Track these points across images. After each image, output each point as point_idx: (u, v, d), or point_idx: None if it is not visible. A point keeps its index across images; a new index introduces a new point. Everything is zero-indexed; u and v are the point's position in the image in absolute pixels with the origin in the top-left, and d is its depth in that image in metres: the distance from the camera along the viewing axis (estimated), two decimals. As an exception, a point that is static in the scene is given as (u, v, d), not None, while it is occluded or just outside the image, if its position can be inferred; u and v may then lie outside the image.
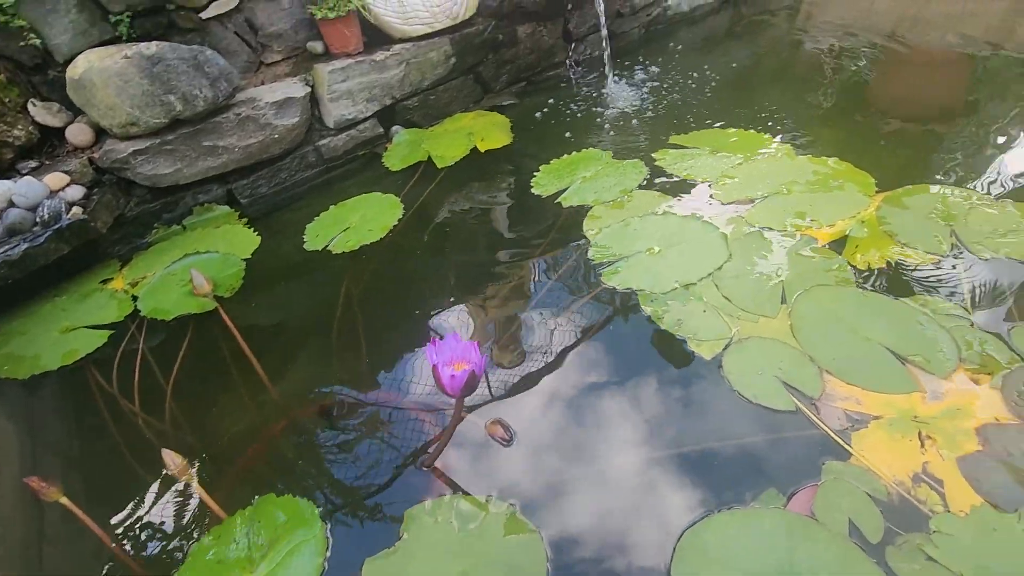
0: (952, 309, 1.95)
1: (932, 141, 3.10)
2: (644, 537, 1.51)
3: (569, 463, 1.73)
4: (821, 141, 3.14)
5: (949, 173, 2.73)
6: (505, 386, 2.02)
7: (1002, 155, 2.84)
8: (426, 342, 2.34)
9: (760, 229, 2.46)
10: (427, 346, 1.39)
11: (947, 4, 4.78)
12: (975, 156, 2.86)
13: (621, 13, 4.64)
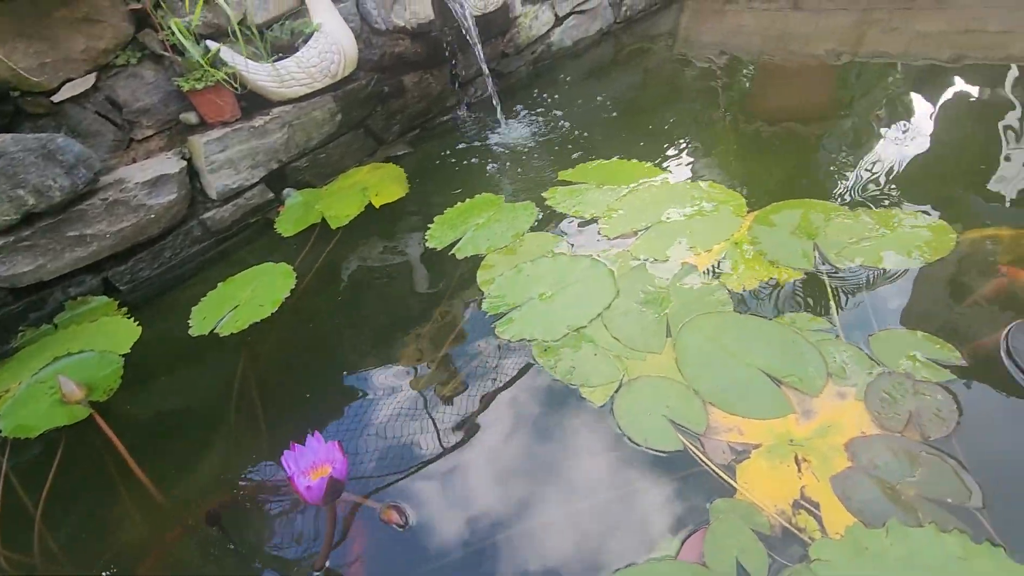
0: (818, 323, 2.05)
1: (801, 155, 3.32)
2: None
3: (461, 539, 1.67)
4: (699, 163, 3.29)
5: (813, 186, 2.92)
6: (400, 463, 1.94)
7: (858, 163, 3.07)
8: (331, 414, 2.28)
9: (644, 261, 2.52)
10: (284, 453, 1.30)
11: (804, 21, 5.21)
12: (835, 167, 3.08)
13: (506, 53, 4.75)
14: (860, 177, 2.95)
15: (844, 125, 3.56)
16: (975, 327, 1.97)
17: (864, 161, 3.07)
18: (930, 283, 2.17)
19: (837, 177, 2.97)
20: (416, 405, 2.15)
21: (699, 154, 3.41)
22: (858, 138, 3.37)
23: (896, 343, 1.92)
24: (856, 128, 3.50)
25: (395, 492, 1.84)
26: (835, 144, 3.33)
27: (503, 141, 4.01)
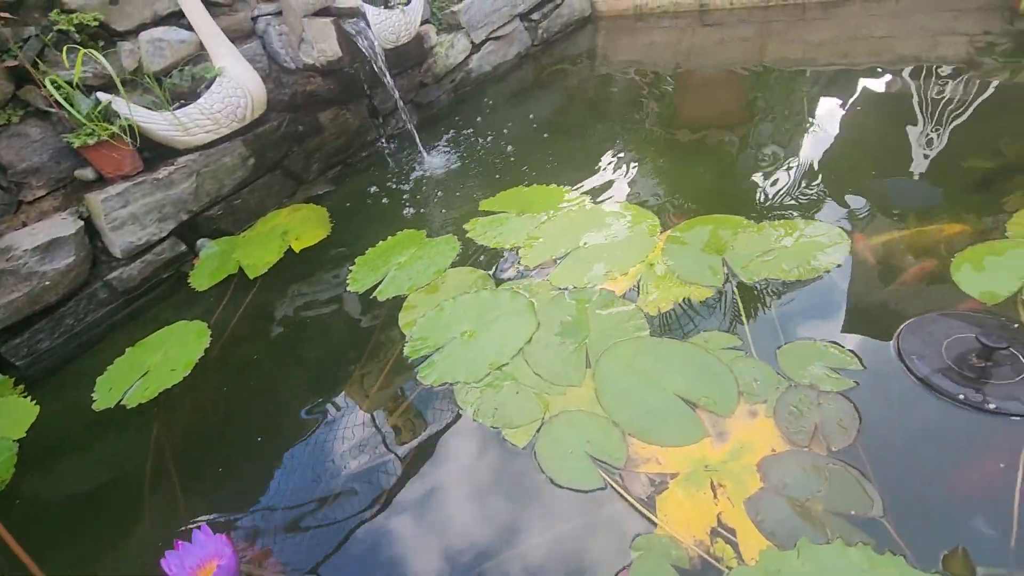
0: (729, 341, 2.10)
1: (717, 165, 3.43)
2: None
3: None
4: (618, 183, 3.35)
5: (728, 198, 3.02)
6: (321, 528, 1.85)
7: (769, 171, 3.20)
8: (255, 485, 2.15)
9: (563, 290, 2.53)
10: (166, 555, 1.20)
11: (708, 35, 5.44)
12: (748, 177, 3.19)
13: (425, 83, 4.74)
14: (771, 185, 3.08)
15: (757, 131, 3.73)
16: (877, 327, 2.06)
17: (774, 168, 3.21)
18: (831, 290, 2.26)
19: (749, 187, 3.09)
20: (337, 465, 2.06)
21: (619, 173, 3.48)
22: (770, 144, 3.54)
23: (801, 355, 1.98)
24: (768, 133, 3.67)
25: (312, 557, 1.75)
26: (749, 153, 3.48)
27: (425, 172, 3.97)
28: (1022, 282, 2.03)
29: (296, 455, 2.14)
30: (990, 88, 3.49)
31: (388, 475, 1.97)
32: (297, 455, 2.14)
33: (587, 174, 3.51)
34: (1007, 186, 2.62)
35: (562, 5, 5.90)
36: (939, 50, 4.19)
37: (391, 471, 1.98)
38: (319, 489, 1.98)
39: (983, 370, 1.77)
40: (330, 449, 2.12)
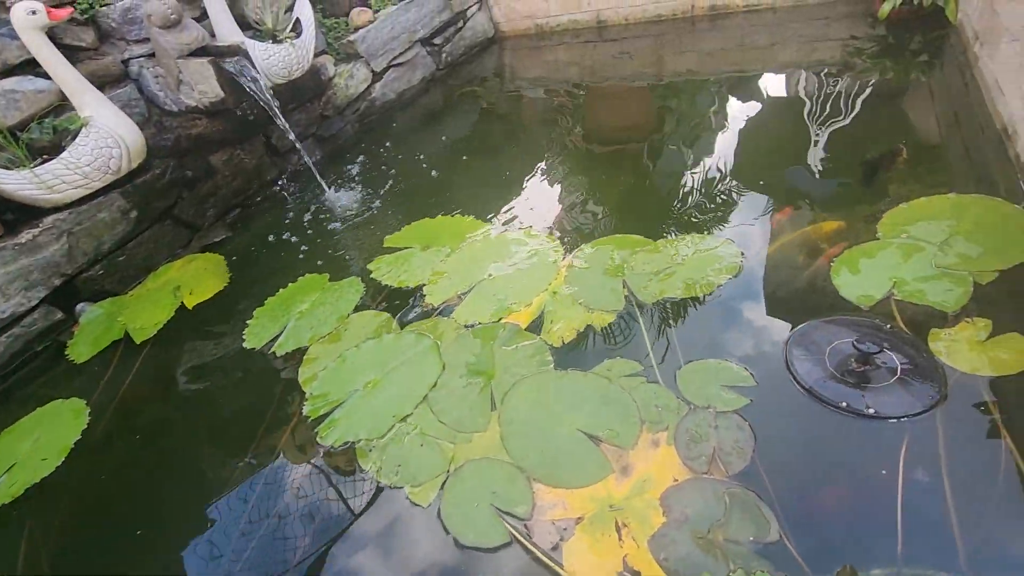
0: (631, 367, 2.09)
1: (625, 179, 3.48)
2: None
3: None
4: (525, 206, 3.33)
5: (633, 215, 3.05)
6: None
7: (670, 188, 3.27)
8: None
9: (468, 328, 2.46)
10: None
11: (608, 50, 5.58)
12: (648, 194, 3.25)
13: (326, 115, 4.58)
14: (676, 196, 3.16)
15: (664, 140, 3.83)
16: (767, 338, 2.10)
17: (681, 178, 3.31)
18: (726, 303, 2.30)
19: (656, 200, 3.16)
20: (235, 547, 1.88)
21: (527, 196, 3.46)
22: (676, 153, 3.65)
23: (700, 375, 2.00)
24: (674, 143, 3.78)
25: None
26: (657, 163, 3.58)
27: (329, 210, 3.82)
28: (892, 283, 2.13)
29: (184, 545, 1.94)
30: (867, 88, 3.73)
31: (285, 559, 1.81)
32: (186, 545, 1.94)
33: (496, 199, 3.47)
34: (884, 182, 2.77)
35: (464, 28, 5.90)
36: (817, 55, 4.47)
37: (289, 553, 1.83)
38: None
39: (862, 374, 1.83)
40: (221, 537, 1.94)
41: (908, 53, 4.10)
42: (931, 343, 1.90)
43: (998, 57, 2.93)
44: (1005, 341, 1.84)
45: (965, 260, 2.12)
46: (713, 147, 3.60)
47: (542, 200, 3.38)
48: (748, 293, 2.32)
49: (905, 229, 2.34)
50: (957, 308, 1.97)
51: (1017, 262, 2.06)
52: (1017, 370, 1.76)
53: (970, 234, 2.23)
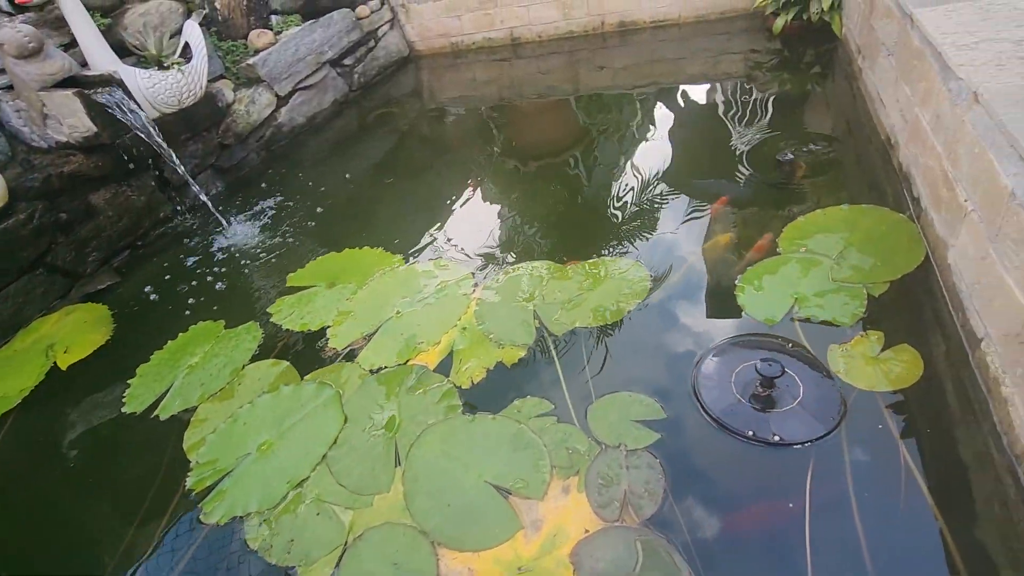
0: (542, 407, 1.99)
1: (546, 200, 3.41)
2: None
3: None
4: (440, 233, 3.19)
5: (541, 244, 2.97)
6: None
7: (588, 204, 3.23)
8: None
9: (374, 373, 2.29)
10: None
11: (525, 67, 5.57)
12: (566, 212, 3.19)
13: (226, 144, 4.29)
14: (597, 215, 3.13)
15: (584, 155, 3.82)
16: (677, 366, 2.06)
17: (601, 194, 3.29)
18: (636, 330, 2.25)
19: (573, 220, 3.12)
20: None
21: (442, 222, 3.32)
22: (596, 168, 3.66)
23: (611, 410, 1.92)
24: (594, 157, 3.78)
25: None
26: (583, 179, 3.55)
27: (231, 246, 3.54)
28: (794, 299, 2.14)
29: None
30: (770, 98, 3.85)
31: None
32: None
33: (411, 227, 3.32)
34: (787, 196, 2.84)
35: (376, 48, 5.73)
36: (722, 67, 4.61)
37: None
38: None
39: (767, 398, 1.81)
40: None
41: (803, 65, 4.29)
42: (830, 360, 1.91)
43: (877, 70, 3.08)
44: (897, 353, 1.87)
45: (859, 272, 2.16)
46: (634, 160, 3.61)
47: (459, 226, 3.26)
48: (658, 318, 2.28)
49: (803, 243, 2.38)
50: (853, 322, 2.00)
51: (905, 272, 2.12)
52: (909, 383, 1.79)
53: (862, 245, 2.28)
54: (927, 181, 2.23)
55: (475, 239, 3.07)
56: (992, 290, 1.63)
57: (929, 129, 2.22)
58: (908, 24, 2.53)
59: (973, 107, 1.82)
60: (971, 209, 1.81)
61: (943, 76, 2.09)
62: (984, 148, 1.72)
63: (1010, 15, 2.18)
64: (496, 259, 2.86)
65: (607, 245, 2.78)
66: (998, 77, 1.81)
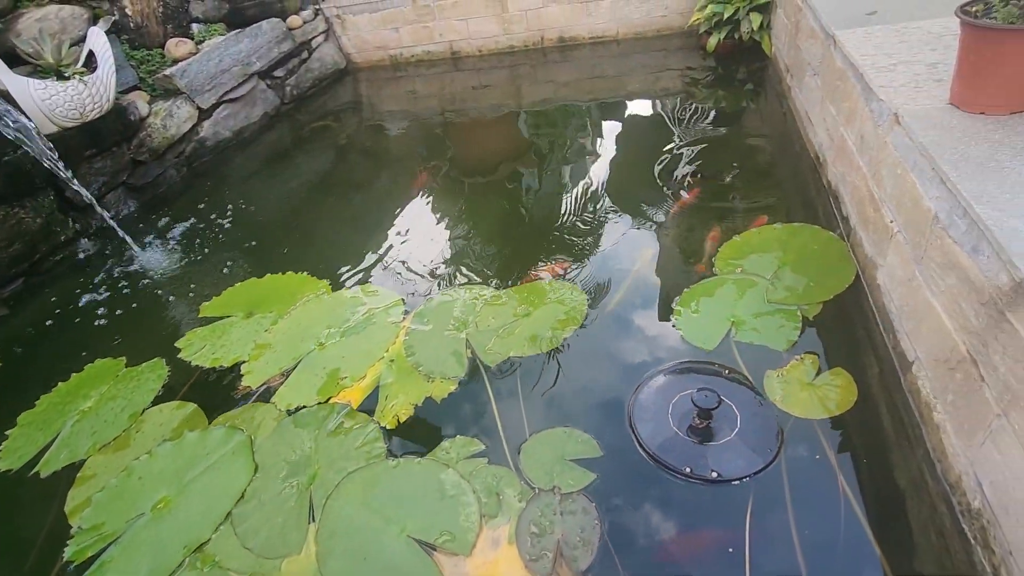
0: (473, 447, 1.84)
1: (486, 219, 3.29)
2: None
3: None
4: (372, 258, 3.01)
5: (478, 263, 2.84)
6: None
7: (533, 222, 3.13)
8: None
9: (292, 414, 2.09)
10: None
11: (466, 81, 5.47)
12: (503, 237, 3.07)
13: (139, 160, 3.97)
14: (539, 231, 3.03)
15: (531, 172, 3.73)
16: (613, 398, 1.96)
17: (546, 209, 3.20)
18: (572, 359, 2.14)
19: (518, 238, 3.01)
20: None
21: (377, 242, 3.14)
22: (538, 184, 3.57)
23: (545, 449, 1.80)
24: (539, 174, 3.69)
25: None
26: (526, 194, 3.45)
27: (140, 272, 3.24)
28: (731, 322, 2.10)
29: None
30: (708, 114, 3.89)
31: None
32: None
33: (343, 249, 3.14)
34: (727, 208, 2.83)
35: (311, 60, 5.50)
36: (661, 84, 4.64)
37: None
38: None
39: (705, 430, 1.74)
40: None
41: (736, 82, 4.37)
42: (767, 386, 1.86)
43: (804, 89, 3.14)
44: (832, 378, 1.84)
45: (793, 293, 2.14)
46: (576, 176, 3.55)
47: (394, 247, 3.09)
48: (595, 343, 2.19)
49: (739, 263, 2.35)
50: (788, 346, 1.96)
51: (837, 292, 2.11)
52: (844, 408, 1.75)
53: (796, 265, 2.27)
54: (855, 200, 2.24)
55: (410, 261, 2.91)
56: (920, 313, 1.62)
57: (855, 149, 2.24)
58: (831, 45, 2.58)
59: (894, 128, 1.82)
60: (897, 231, 1.80)
61: (865, 97, 2.11)
62: (906, 170, 1.72)
63: (923, 38, 2.24)
64: (430, 283, 2.71)
65: (547, 264, 2.68)
66: (916, 99, 1.82)
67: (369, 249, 3.09)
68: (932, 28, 2.29)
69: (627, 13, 5.11)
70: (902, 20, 2.44)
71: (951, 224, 1.45)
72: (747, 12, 4.24)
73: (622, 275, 2.52)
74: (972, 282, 1.34)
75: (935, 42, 2.18)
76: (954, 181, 1.44)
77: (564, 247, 2.83)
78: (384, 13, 5.56)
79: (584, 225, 2.99)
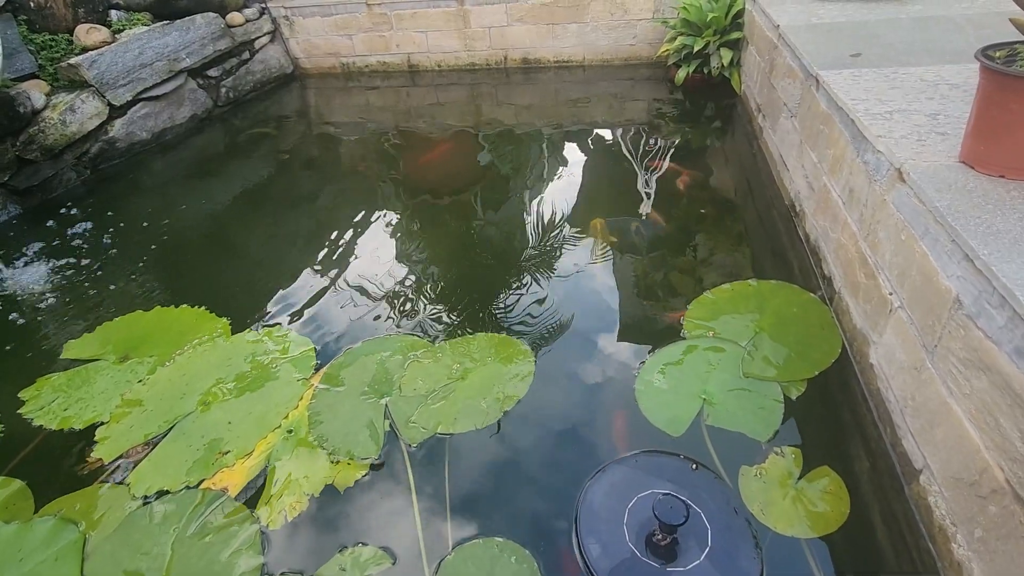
0: (375, 561, 1.43)
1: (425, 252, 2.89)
2: None
3: None
4: (290, 292, 2.56)
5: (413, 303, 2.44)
6: None
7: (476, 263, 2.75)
8: None
9: (148, 502, 1.62)
10: None
11: (423, 97, 5.11)
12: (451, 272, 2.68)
13: (27, 159, 3.39)
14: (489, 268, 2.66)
15: (487, 197, 3.36)
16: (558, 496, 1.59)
17: (497, 245, 2.84)
18: (513, 441, 1.76)
19: (466, 274, 2.62)
20: None
21: (301, 272, 2.70)
22: (498, 212, 3.21)
23: (472, 567, 1.40)
24: (495, 200, 3.33)
25: None
26: (477, 223, 3.07)
27: (2, 295, 2.68)
28: (702, 400, 1.77)
29: None
30: (671, 148, 3.64)
31: None
32: None
33: (258, 279, 2.69)
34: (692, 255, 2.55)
35: (252, 61, 5.03)
36: (626, 114, 4.41)
37: None
38: None
39: (667, 549, 1.38)
40: None
41: (704, 119, 4.18)
42: (742, 487, 1.53)
43: (779, 131, 2.93)
44: (819, 480, 1.53)
45: (772, 367, 1.84)
46: (535, 204, 3.21)
47: (321, 277, 2.65)
48: (542, 419, 1.81)
49: (711, 326, 2.04)
50: (771, 436, 1.65)
51: (822, 367, 1.82)
52: (835, 525, 1.43)
53: (774, 331, 1.98)
54: (840, 260, 1.98)
55: (335, 297, 2.49)
56: (933, 414, 1.33)
57: (841, 202, 1.99)
58: (813, 86, 2.35)
59: (897, 186, 1.56)
60: (897, 305, 1.52)
61: (856, 146, 1.86)
62: (913, 237, 1.44)
63: (916, 85, 2.02)
64: (354, 326, 2.28)
65: (498, 303, 2.32)
66: (922, 155, 1.57)
67: (289, 280, 2.65)
68: (925, 76, 2.08)
69: (595, 39, 4.89)
70: (890, 65, 2.23)
71: (981, 313, 1.16)
72: (717, 47, 4.06)
73: (578, 329, 2.17)
74: (1017, 394, 1.04)
75: (930, 90, 1.96)
76: (985, 260, 1.15)
77: (514, 283, 2.47)
78: (337, 18, 5.16)
79: (536, 258, 2.66)
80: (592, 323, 2.20)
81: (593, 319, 2.22)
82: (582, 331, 2.17)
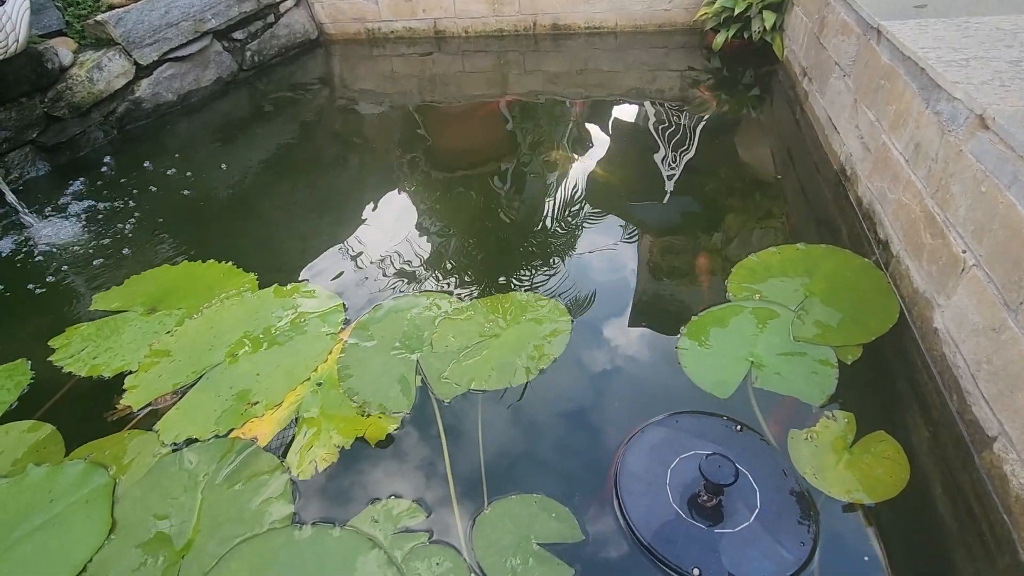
0: (412, 517, 1.38)
1: (451, 222, 2.81)
2: None
3: None
4: (317, 254, 2.51)
5: (445, 269, 2.37)
6: None
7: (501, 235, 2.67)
8: None
9: (177, 449, 1.59)
10: None
11: (449, 65, 4.99)
12: (476, 241, 2.61)
13: (55, 116, 3.38)
14: (518, 237, 2.57)
15: (511, 168, 3.26)
16: (598, 455, 1.52)
17: (528, 212, 2.74)
18: (548, 399, 1.70)
19: (493, 243, 2.54)
20: None
21: (328, 235, 2.64)
22: (517, 182, 3.10)
23: (508, 526, 1.35)
24: (523, 172, 3.22)
25: None
26: (505, 194, 2.98)
27: (30, 248, 2.67)
28: (750, 362, 1.68)
29: None
30: (703, 120, 3.50)
31: None
32: None
33: (285, 239, 2.65)
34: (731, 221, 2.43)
35: (277, 25, 4.94)
36: (658, 84, 4.25)
37: None
38: None
39: (714, 511, 1.31)
40: None
41: (741, 87, 4.01)
42: (792, 450, 1.45)
43: (828, 93, 2.78)
44: (874, 444, 1.44)
45: (826, 331, 1.74)
46: (563, 176, 3.11)
47: (347, 240, 2.59)
48: (579, 380, 1.75)
49: (757, 289, 1.94)
50: (824, 400, 1.55)
51: (879, 334, 1.71)
52: (895, 491, 1.35)
53: (826, 295, 1.87)
54: (900, 222, 1.85)
55: (362, 257, 2.43)
56: (1015, 379, 1.22)
57: (903, 160, 1.86)
58: (874, 40, 2.20)
59: (977, 134, 1.43)
60: (972, 263, 1.41)
61: (926, 97, 1.72)
62: (997, 187, 1.32)
63: (992, 34, 1.86)
64: (382, 285, 2.23)
65: (525, 273, 2.24)
66: (1007, 99, 1.44)
67: (315, 240, 2.60)
68: (1001, 24, 1.92)
69: (628, 4, 4.71)
70: (959, 15, 2.07)
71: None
72: (759, 9, 3.87)
73: (613, 293, 2.09)
74: None
75: (1009, 39, 1.80)
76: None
77: (544, 253, 2.39)
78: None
79: (563, 230, 2.56)
80: (629, 287, 2.11)
81: (630, 284, 2.13)
82: (620, 293, 2.08)
